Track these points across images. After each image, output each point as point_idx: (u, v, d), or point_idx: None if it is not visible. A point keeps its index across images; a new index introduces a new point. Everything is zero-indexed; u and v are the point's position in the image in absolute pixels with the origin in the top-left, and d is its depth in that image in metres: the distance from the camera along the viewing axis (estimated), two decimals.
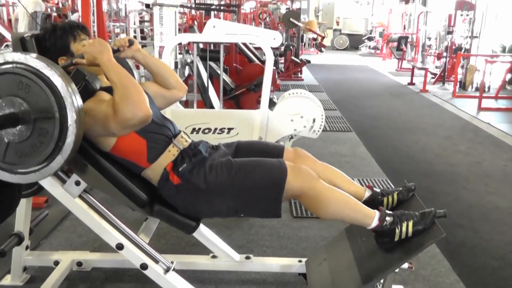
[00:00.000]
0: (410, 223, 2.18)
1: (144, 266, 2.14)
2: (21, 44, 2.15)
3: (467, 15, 11.64)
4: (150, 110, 1.93)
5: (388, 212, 2.21)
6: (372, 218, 2.17)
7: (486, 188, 4.62)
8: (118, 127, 1.94)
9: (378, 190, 2.49)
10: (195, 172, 2.16)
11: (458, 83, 10.51)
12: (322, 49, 16.56)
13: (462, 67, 10.91)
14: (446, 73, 11.47)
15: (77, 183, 2.12)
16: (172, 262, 2.21)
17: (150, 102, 2.04)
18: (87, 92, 2.03)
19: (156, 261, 2.18)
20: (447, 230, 3.55)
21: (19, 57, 1.78)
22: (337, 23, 22.64)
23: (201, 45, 5.88)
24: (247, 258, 2.85)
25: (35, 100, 1.77)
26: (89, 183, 2.16)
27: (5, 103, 1.78)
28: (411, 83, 11.50)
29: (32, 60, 1.78)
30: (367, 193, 2.44)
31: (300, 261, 2.84)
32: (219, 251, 2.83)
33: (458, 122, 7.60)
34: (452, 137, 6.61)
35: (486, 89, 10.05)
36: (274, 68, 7.15)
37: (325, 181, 2.26)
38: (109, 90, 2.11)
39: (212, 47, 6.10)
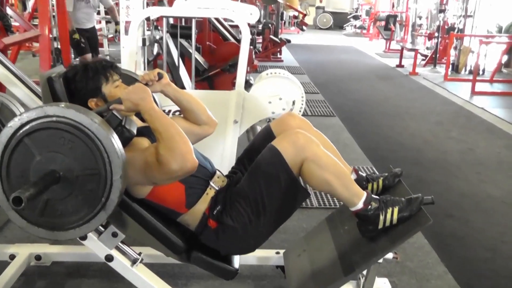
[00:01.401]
0: (396, 210, 2.23)
1: (109, 258, 2.17)
2: (49, 85, 2.17)
3: None
4: (196, 161, 1.95)
5: (374, 196, 2.27)
6: (360, 198, 2.23)
7: (479, 176, 4.73)
8: (162, 178, 1.96)
9: (363, 174, 2.55)
10: (223, 213, 2.22)
11: (450, 66, 10.67)
12: (304, 28, 16.60)
13: (455, 48, 11.07)
14: (437, 55, 11.62)
15: (114, 235, 2.16)
16: (139, 254, 2.24)
17: None
18: (124, 139, 1.99)
19: (123, 252, 2.21)
20: (436, 221, 3.67)
21: (59, 110, 1.74)
22: (320, 0, 22.69)
23: (171, 21, 5.88)
24: None
25: (78, 156, 1.75)
26: (124, 233, 2.20)
27: (45, 159, 1.75)
28: (400, 65, 11.63)
29: (72, 112, 1.75)
30: (353, 176, 2.49)
31: (277, 252, 2.89)
32: None
33: (450, 107, 7.73)
34: (443, 122, 6.73)
35: (481, 72, 10.23)
36: (251, 47, 7.17)
37: None
38: (144, 131, 2.15)
39: (183, 23, 6.10)
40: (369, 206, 2.24)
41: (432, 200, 2.31)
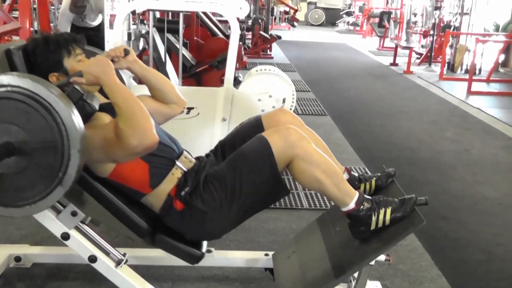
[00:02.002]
0: (388, 210, 2.25)
1: (92, 259, 2.18)
2: (7, 57, 2.15)
3: None
4: (157, 137, 1.96)
5: (366, 197, 2.29)
6: (352, 197, 2.25)
7: (474, 177, 4.77)
8: (122, 155, 1.97)
9: (356, 174, 2.57)
10: (193, 195, 2.22)
11: (446, 64, 10.74)
12: (295, 23, 16.67)
13: (451, 46, 11.16)
14: (433, 53, 11.72)
15: (74, 214, 2.14)
16: (124, 254, 2.25)
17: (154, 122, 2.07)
18: (85, 114, 2.00)
19: (107, 253, 2.22)
20: (430, 222, 3.70)
21: (14, 80, 1.73)
22: None
23: (157, 15, 5.88)
24: (208, 251, 2.88)
25: (34, 128, 1.74)
26: (85, 212, 2.18)
27: None
28: (394, 64, 11.69)
29: (28, 82, 1.74)
30: (345, 176, 2.51)
31: (266, 254, 2.90)
32: None
33: (445, 107, 7.78)
34: (438, 122, 6.78)
35: (477, 72, 10.30)
36: (240, 43, 7.18)
37: None
38: (106, 108, 2.14)
39: (170, 17, 6.10)
40: (361, 207, 2.26)
41: (426, 201, 2.33)
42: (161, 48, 5.19)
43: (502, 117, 7.13)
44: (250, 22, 11.20)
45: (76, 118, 1.80)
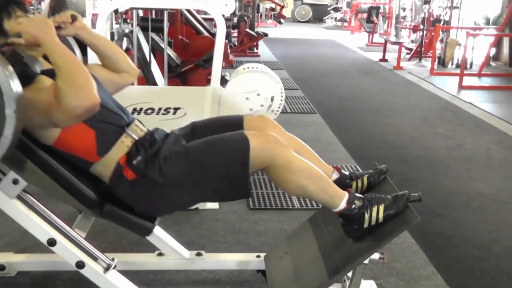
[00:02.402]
0: (381, 207, 2.27)
1: (80, 265, 2.17)
2: None
3: None
4: (98, 98, 1.94)
5: (357, 195, 2.31)
6: (342, 198, 2.26)
7: (468, 173, 4.82)
8: (61, 118, 1.93)
9: (346, 172, 2.58)
10: (150, 165, 2.20)
11: (436, 59, 10.80)
12: (282, 20, 16.66)
13: (441, 41, 11.21)
14: (423, 48, 11.73)
15: (15, 182, 2.10)
16: (113, 259, 2.25)
17: (99, 87, 2.06)
18: (25, 78, 2.00)
19: (95, 258, 2.20)
20: (424, 219, 3.72)
21: None
22: None
23: (141, 13, 5.88)
24: (198, 254, 2.90)
25: None
26: (30, 182, 2.15)
27: None
28: (384, 60, 11.75)
29: None
30: (335, 175, 2.53)
31: (258, 256, 2.91)
32: (166, 248, 2.87)
33: (437, 102, 7.84)
34: (430, 118, 6.82)
35: (468, 66, 10.36)
36: (226, 41, 7.19)
37: None
38: (50, 73, 2.11)
39: (154, 16, 6.10)
40: (353, 206, 2.27)
41: (419, 197, 2.35)
42: (146, 48, 5.19)
43: (495, 112, 7.18)
44: (235, 19, 11.20)
45: (12, 77, 1.78)
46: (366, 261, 2.43)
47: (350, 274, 2.58)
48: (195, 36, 7.27)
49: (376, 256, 2.60)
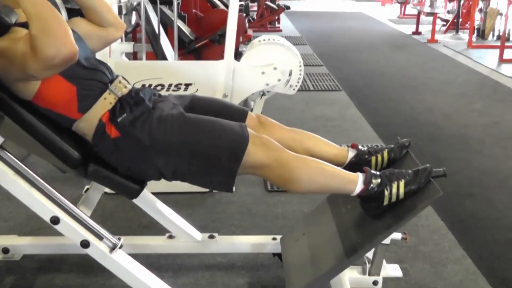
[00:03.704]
0: (402, 183, 2.30)
1: (85, 244, 2.24)
2: None
3: None
4: (76, 47, 1.96)
5: (374, 172, 2.33)
6: (355, 182, 2.29)
7: (505, 151, 4.84)
8: (38, 68, 1.96)
9: (364, 148, 2.61)
10: (138, 124, 2.23)
11: (475, 31, 10.71)
12: None
13: (480, 11, 11.12)
14: (460, 19, 11.66)
15: None
16: (119, 239, 2.32)
17: (78, 40, 2.10)
18: (0, 28, 2.07)
19: (100, 237, 2.27)
20: (455, 200, 3.82)
21: None
22: None
23: None
24: (211, 237, 2.98)
25: None
26: (7, 138, 2.21)
27: None
28: (417, 32, 11.69)
29: None
30: (351, 153, 2.55)
31: (274, 238, 2.98)
32: (177, 230, 2.95)
33: (474, 77, 7.81)
34: (466, 94, 6.82)
35: (511, 38, 10.25)
36: (243, 14, 7.23)
37: (298, 148, 2.41)
38: (27, 26, 2.11)
39: None
40: (371, 185, 2.29)
41: (444, 172, 2.38)
42: (154, 20, 5.24)
43: None
44: None
45: None
46: (388, 241, 2.51)
47: (370, 255, 2.68)
48: (210, 10, 7.30)
49: (398, 236, 2.67)
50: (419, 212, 2.29)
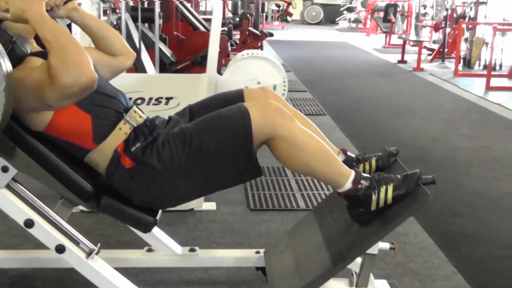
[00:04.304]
0: (390, 187, 2.30)
1: (60, 249, 2.21)
2: None
3: None
4: (96, 75, 1.98)
5: (364, 175, 2.35)
6: (348, 177, 2.30)
7: (494, 174, 4.86)
8: (56, 97, 1.97)
9: (353, 155, 2.63)
10: (148, 151, 2.25)
11: (461, 60, 10.83)
12: (288, 18, 16.77)
13: (466, 40, 11.27)
14: (446, 49, 11.78)
15: (5, 169, 2.16)
16: (96, 245, 2.30)
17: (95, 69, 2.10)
18: (14, 57, 2.05)
19: (76, 242, 2.25)
20: (444, 220, 3.82)
21: None
22: None
23: (131, 3, 5.97)
24: (192, 250, 2.94)
25: None
26: (19, 169, 2.21)
27: None
28: (402, 61, 11.82)
29: None
30: (340, 157, 2.57)
31: (258, 252, 2.94)
32: (157, 243, 2.92)
33: (461, 104, 7.90)
34: (453, 120, 6.87)
35: (497, 67, 10.36)
36: (227, 37, 7.29)
37: None
38: (40, 55, 2.18)
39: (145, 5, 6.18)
40: (359, 186, 2.30)
41: (433, 179, 2.41)
42: (135, 35, 5.27)
43: None
44: (237, 19, 11.29)
45: (1, 55, 1.84)
46: (375, 251, 2.48)
47: (357, 269, 2.66)
48: (191, 32, 7.36)
49: (386, 246, 2.64)
50: (408, 217, 2.29)
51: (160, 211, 2.44)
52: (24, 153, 2.16)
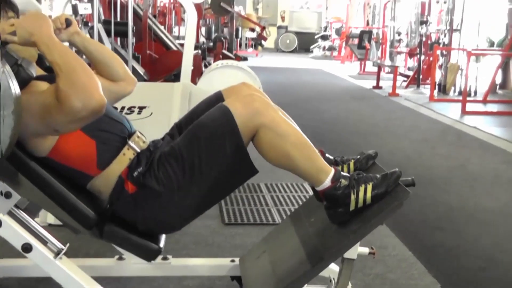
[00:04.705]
0: (369, 187, 2.28)
1: (27, 248, 2.14)
2: None
3: (444, 2, 12.16)
4: (105, 98, 1.96)
5: (343, 174, 2.33)
6: (327, 174, 2.27)
7: (472, 190, 4.90)
8: (64, 121, 1.95)
9: (331, 157, 2.62)
10: (147, 174, 2.23)
11: (436, 86, 10.92)
12: (263, 42, 16.82)
13: (440, 67, 11.39)
14: (421, 75, 11.90)
15: (8, 195, 2.13)
16: (65, 244, 2.24)
17: None
18: (20, 81, 2.00)
19: (44, 241, 2.20)
20: (422, 233, 3.79)
21: None
22: (282, 18, 23.20)
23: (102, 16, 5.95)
24: (165, 259, 2.87)
25: None
26: (21, 195, 2.18)
27: None
28: (377, 87, 11.91)
29: None
30: None
31: (233, 260, 2.89)
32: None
33: (437, 126, 7.98)
34: (429, 140, 6.93)
35: (472, 94, 10.45)
36: (201, 56, 7.30)
37: None
38: (45, 79, 2.16)
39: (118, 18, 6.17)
40: (338, 184, 2.28)
41: (412, 180, 2.38)
42: (108, 45, 5.23)
43: (503, 135, 7.31)
44: (211, 43, 11.32)
45: (9, 76, 1.82)
46: (354, 256, 2.44)
47: (336, 276, 2.61)
48: (165, 52, 7.36)
49: (365, 250, 2.61)
50: (388, 216, 2.26)
51: (164, 238, 2.42)
52: (26, 178, 2.13)
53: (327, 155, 2.60)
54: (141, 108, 3.67)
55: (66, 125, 1.99)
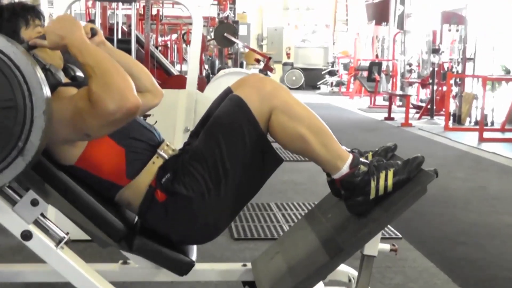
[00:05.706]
0: (390, 173, 2.25)
1: (26, 235, 2.09)
2: None
3: (457, 30, 12.20)
4: (139, 99, 1.97)
5: (362, 160, 2.31)
6: (345, 160, 2.25)
7: (493, 209, 4.88)
8: (97, 124, 1.96)
9: (348, 149, 2.58)
10: (175, 181, 2.21)
11: (451, 117, 10.90)
12: (269, 73, 16.82)
13: (455, 97, 11.36)
14: (434, 106, 11.85)
15: (34, 203, 2.08)
16: (67, 233, 2.20)
17: None
18: (49, 84, 2.00)
19: (45, 229, 2.16)
20: (443, 246, 3.72)
21: None
22: (288, 55, 23.25)
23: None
24: None
25: None
26: (51, 204, 2.19)
27: None
28: (389, 118, 11.88)
29: None
30: None
31: (244, 265, 2.84)
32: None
33: (454, 152, 8.00)
34: (446, 165, 6.89)
35: (489, 124, 10.39)
36: (205, 79, 7.34)
37: None
38: (71, 84, 2.18)
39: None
40: (357, 170, 2.25)
41: (435, 172, 2.34)
42: None
43: None
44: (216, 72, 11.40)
45: (40, 76, 1.81)
46: (375, 253, 2.38)
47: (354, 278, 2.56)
48: (166, 78, 7.40)
49: (386, 247, 2.56)
50: (411, 202, 2.22)
51: (195, 251, 2.43)
52: (53, 189, 2.13)
53: (343, 147, 2.57)
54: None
55: (99, 128, 1.99)
